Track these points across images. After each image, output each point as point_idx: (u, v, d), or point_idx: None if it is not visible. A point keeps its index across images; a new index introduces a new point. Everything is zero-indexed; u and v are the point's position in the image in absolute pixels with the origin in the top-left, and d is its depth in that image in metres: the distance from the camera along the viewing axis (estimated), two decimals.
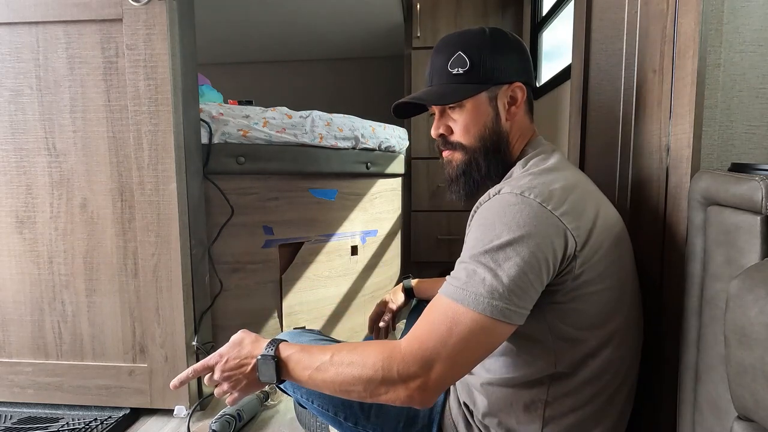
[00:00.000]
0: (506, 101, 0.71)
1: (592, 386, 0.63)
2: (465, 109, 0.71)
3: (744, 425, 0.45)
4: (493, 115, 0.71)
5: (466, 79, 0.70)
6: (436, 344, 0.54)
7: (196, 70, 1.14)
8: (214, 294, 1.21)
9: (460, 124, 0.71)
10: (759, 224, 0.47)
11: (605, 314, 0.61)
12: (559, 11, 1.68)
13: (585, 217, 0.58)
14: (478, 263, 0.55)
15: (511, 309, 0.53)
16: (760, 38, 0.62)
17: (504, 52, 0.70)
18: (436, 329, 0.54)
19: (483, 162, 0.71)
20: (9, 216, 1.11)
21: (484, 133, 0.71)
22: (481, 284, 0.54)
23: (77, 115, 1.07)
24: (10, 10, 1.04)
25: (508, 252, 0.54)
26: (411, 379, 0.54)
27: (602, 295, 0.60)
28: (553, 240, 0.55)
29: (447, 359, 0.53)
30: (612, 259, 0.61)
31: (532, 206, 0.56)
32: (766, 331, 0.39)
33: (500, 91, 0.70)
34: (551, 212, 0.56)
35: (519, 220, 0.55)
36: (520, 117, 0.72)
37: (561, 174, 0.63)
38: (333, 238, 1.45)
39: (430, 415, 0.74)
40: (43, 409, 1.15)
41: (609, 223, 0.62)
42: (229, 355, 0.66)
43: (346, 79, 2.96)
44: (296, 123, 1.30)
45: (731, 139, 0.64)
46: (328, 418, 0.81)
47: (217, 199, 1.21)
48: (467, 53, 0.70)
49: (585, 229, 0.57)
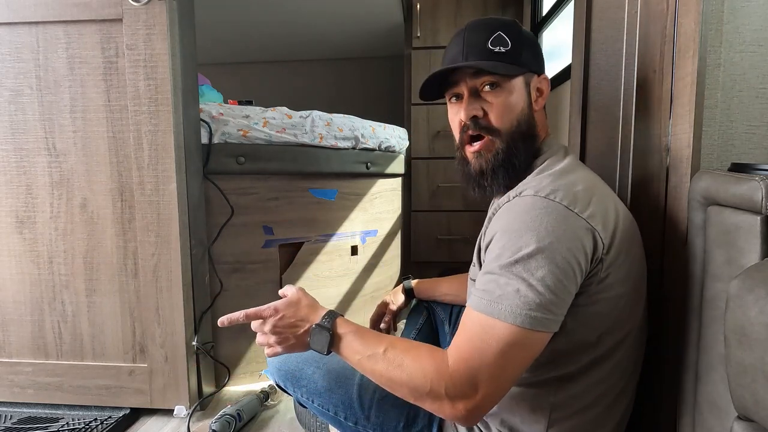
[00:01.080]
0: (536, 91, 0.68)
1: (598, 388, 0.62)
2: (504, 91, 0.66)
3: (744, 425, 0.45)
4: (528, 102, 0.67)
5: (508, 59, 0.65)
6: (480, 364, 0.53)
7: (196, 70, 1.13)
8: (214, 294, 1.21)
9: (497, 107, 0.66)
10: (759, 224, 0.47)
11: (623, 317, 0.60)
12: (559, 11, 1.68)
13: (609, 218, 0.57)
14: (511, 274, 0.53)
15: (549, 318, 0.52)
16: (760, 38, 0.62)
17: (532, 43, 0.69)
18: (477, 347, 0.53)
19: (522, 148, 0.66)
20: (9, 216, 1.11)
21: (521, 119, 0.66)
22: (515, 296, 0.52)
23: (77, 115, 1.07)
24: (10, 10, 1.04)
25: (540, 260, 0.52)
26: (459, 399, 0.53)
27: (622, 298, 0.59)
28: (584, 243, 0.54)
29: (492, 378, 0.52)
30: (632, 260, 0.60)
31: (558, 210, 0.54)
32: (766, 331, 0.39)
33: (533, 80, 0.68)
34: (578, 215, 0.54)
35: (548, 226, 0.53)
36: (541, 112, 0.71)
37: (579, 174, 0.62)
38: (333, 238, 1.45)
39: (431, 415, 0.73)
40: (43, 409, 1.15)
41: (627, 223, 0.61)
42: (286, 312, 0.67)
43: (346, 79, 2.96)
44: (296, 123, 1.30)
45: (731, 139, 0.64)
46: (328, 418, 0.81)
47: (217, 199, 1.21)
48: (508, 34, 0.65)
49: (610, 230, 0.57)
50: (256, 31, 2.42)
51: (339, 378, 0.79)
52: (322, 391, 0.80)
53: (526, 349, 0.53)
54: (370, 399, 0.76)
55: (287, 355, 0.84)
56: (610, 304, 0.58)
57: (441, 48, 2.16)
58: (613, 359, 0.61)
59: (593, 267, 0.56)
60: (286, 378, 0.85)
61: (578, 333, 0.59)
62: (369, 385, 0.76)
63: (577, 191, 0.57)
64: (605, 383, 0.62)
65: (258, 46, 2.69)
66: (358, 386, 0.77)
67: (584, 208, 0.55)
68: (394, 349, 0.59)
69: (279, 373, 0.86)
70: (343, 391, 0.78)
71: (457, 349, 0.55)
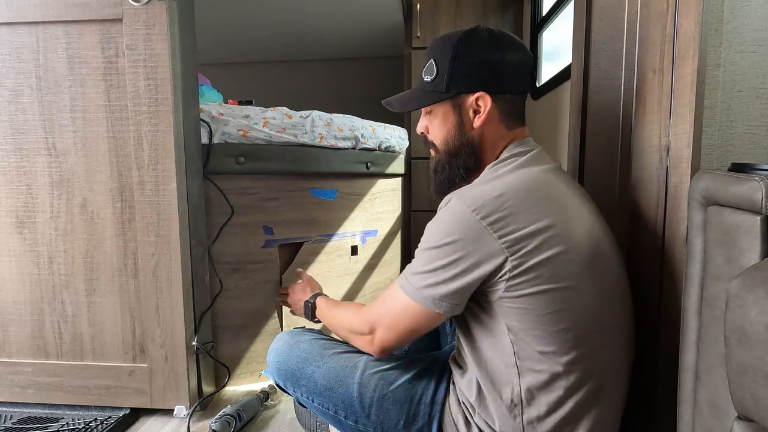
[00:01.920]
0: (472, 111, 0.74)
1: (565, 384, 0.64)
2: (434, 115, 0.77)
3: (744, 425, 0.45)
4: (458, 123, 0.75)
5: (432, 86, 0.75)
6: (381, 316, 0.72)
7: (196, 70, 1.14)
8: (214, 294, 1.21)
9: (431, 128, 0.79)
10: (759, 224, 0.47)
11: (561, 315, 0.62)
12: (559, 11, 1.68)
13: (520, 221, 0.61)
14: (419, 258, 0.67)
15: (436, 301, 0.65)
16: (760, 38, 0.62)
17: (475, 61, 0.72)
18: (385, 304, 0.72)
19: (447, 165, 0.77)
20: (9, 216, 1.11)
21: (448, 139, 0.76)
22: (415, 277, 0.67)
23: (77, 115, 1.07)
24: (10, 10, 1.04)
25: (441, 252, 0.64)
26: (365, 335, 0.75)
27: (552, 296, 0.61)
28: (481, 248, 0.61)
29: (387, 327, 0.72)
30: (572, 258, 0.62)
31: (465, 215, 0.62)
32: (766, 331, 0.39)
33: (466, 101, 0.73)
34: (480, 222, 0.61)
35: (454, 228, 0.63)
36: (492, 125, 0.74)
37: (507, 180, 0.66)
38: (333, 238, 1.45)
39: (431, 413, 0.74)
40: (43, 409, 1.15)
41: (562, 227, 0.62)
42: (294, 295, 1.10)
43: (346, 79, 2.96)
44: (296, 123, 1.30)
45: (731, 139, 0.64)
46: (328, 417, 0.81)
47: (217, 199, 1.21)
48: (437, 62, 0.74)
49: (518, 233, 0.61)
50: (256, 31, 2.42)
51: (339, 377, 0.79)
52: (322, 390, 0.80)
53: (414, 318, 0.68)
54: (370, 397, 0.76)
55: (287, 355, 0.86)
56: (537, 300, 0.61)
57: None
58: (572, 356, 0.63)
59: (495, 267, 0.61)
60: (286, 378, 0.85)
61: (515, 327, 0.64)
62: (369, 384, 0.77)
63: (489, 198, 0.62)
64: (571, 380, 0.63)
65: (258, 46, 2.69)
66: (358, 385, 0.77)
67: (489, 214, 0.61)
68: (344, 308, 0.87)
69: (279, 373, 0.86)
70: (343, 390, 0.78)
71: (375, 301, 0.75)
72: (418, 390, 0.76)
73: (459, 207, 0.63)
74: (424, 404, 0.74)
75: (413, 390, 0.76)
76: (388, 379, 0.77)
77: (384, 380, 0.77)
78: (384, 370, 0.78)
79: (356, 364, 0.80)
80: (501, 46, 0.72)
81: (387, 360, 0.80)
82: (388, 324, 0.71)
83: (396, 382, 0.76)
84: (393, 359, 0.81)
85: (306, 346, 0.85)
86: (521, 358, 0.64)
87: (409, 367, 0.79)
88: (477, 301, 0.67)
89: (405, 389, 0.76)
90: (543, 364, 0.63)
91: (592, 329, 0.64)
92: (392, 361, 0.81)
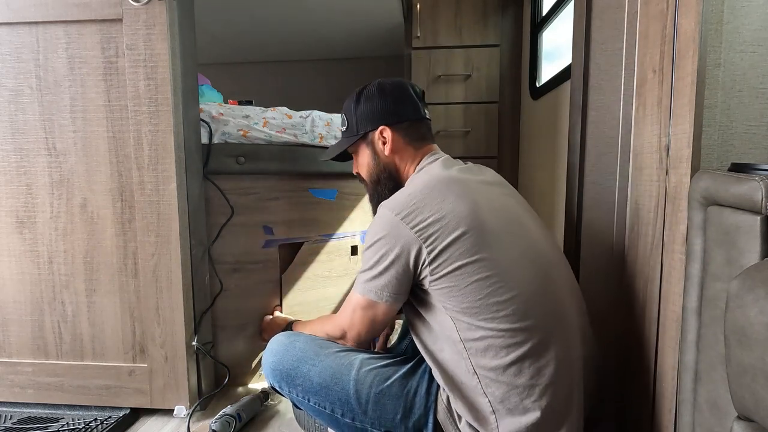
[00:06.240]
0: (381, 142, 0.90)
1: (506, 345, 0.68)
2: (357, 155, 0.96)
3: (744, 425, 0.45)
4: (373, 155, 0.92)
5: (347, 133, 0.95)
6: (342, 320, 0.85)
7: (196, 70, 1.13)
8: (214, 294, 1.21)
9: (358, 165, 0.97)
10: (759, 224, 0.47)
11: (481, 284, 0.69)
12: (559, 11, 1.68)
13: (426, 212, 0.72)
14: (362, 260, 0.79)
15: (378, 292, 0.76)
16: (760, 38, 0.62)
17: (368, 106, 0.90)
18: (347, 304, 0.83)
19: (375, 192, 0.94)
20: (9, 216, 1.11)
21: (370, 170, 0.94)
22: (361, 276, 0.79)
23: (77, 115, 1.07)
24: (10, 10, 1.04)
25: (373, 250, 0.76)
26: (340, 340, 0.87)
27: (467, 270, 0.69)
28: (401, 239, 0.72)
29: (349, 328, 0.84)
30: (464, 240, 0.70)
31: (386, 216, 0.75)
32: (766, 331, 0.39)
33: (373, 137, 0.90)
34: (396, 217, 0.73)
35: (379, 228, 0.76)
36: (401, 150, 0.90)
37: (419, 180, 0.80)
38: (333, 238, 1.45)
39: (426, 404, 0.76)
40: (43, 409, 1.15)
41: (462, 212, 0.71)
42: (268, 334, 1.19)
43: (346, 79, 2.96)
44: (296, 123, 1.30)
45: (731, 139, 0.64)
46: (324, 416, 0.82)
47: (217, 199, 1.21)
48: (345, 115, 0.95)
49: (426, 222, 0.71)
50: (256, 31, 2.42)
51: (335, 375, 0.80)
52: (318, 389, 0.80)
53: (368, 311, 0.79)
54: (366, 393, 0.77)
55: (282, 355, 0.87)
56: (459, 277, 0.69)
57: (441, 48, 2.16)
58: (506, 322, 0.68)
59: (419, 252, 0.72)
60: (281, 378, 0.85)
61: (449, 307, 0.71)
62: (365, 381, 0.78)
63: (402, 199, 0.75)
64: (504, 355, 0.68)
65: (258, 46, 2.69)
66: (354, 382, 0.78)
67: (401, 212, 0.73)
68: (318, 322, 0.98)
69: (274, 374, 0.86)
70: (340, 388, 0.79)
71: (343, 305, 0.86)
72: (412, 384, 0.78)
73: (382, 211, 0.76)
74: (420, 396, 0.77)
75: (408, 384, 0.78)
76: (384, 375, 0.79)
77: (380, 376, 0.79)
78: (379, 366, 0.80)
79: (352, 362, 0.81)
80: (385, 90, 0.90)
81: (382, 357, 0.83)
82: (354, 322, 0.82)
83: (391, 377, 0.78)
84: (388, 357, 0.84)
85: (302, 346, 0.86)
86: (461, 330, 0.70)
87: (404, 363, 0.81)
88: (416, 294, 0.77)
89: (400, 384, 0.78)
90: (481, 332, 0.69)
91: (519, 293, 0.69)
92: (387, 358, 0.83)
